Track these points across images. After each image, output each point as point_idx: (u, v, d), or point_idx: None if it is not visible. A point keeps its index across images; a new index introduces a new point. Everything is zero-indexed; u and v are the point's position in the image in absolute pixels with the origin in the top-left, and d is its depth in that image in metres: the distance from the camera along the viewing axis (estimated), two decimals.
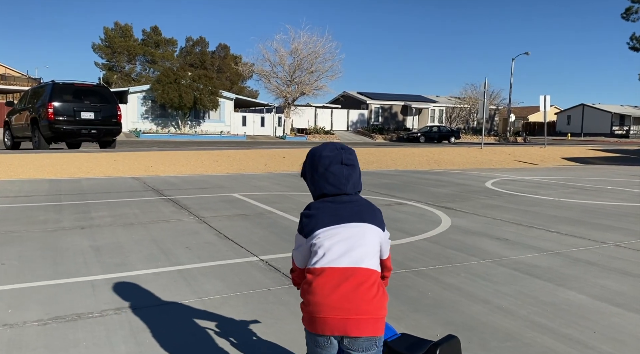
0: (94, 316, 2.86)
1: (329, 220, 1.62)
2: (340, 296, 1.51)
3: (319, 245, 1.59)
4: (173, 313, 2.91)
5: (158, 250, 4.33)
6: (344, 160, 1.68)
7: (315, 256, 1.59)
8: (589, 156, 20.35)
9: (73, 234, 4.91)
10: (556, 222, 5.71)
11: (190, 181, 9.49)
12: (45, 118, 15.05)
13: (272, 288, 3.39)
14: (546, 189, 8.93)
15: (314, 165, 1.71)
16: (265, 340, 2.57)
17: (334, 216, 1.62)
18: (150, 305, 3.03)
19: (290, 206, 6.72)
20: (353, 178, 1.69)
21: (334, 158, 1.68)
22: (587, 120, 63.53)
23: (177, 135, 36.30)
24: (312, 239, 1.62)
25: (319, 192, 1.70)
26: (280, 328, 2.71)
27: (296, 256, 1.72)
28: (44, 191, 7.88)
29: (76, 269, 3.76)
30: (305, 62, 40.41)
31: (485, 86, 21.76)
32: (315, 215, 1.65)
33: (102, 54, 61.92)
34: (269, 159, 14.77)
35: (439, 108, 53.37)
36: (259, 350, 2.46)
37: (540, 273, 3.76)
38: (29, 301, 3.08)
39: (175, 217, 5.85)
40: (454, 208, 6.68)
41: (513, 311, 3.00)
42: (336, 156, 1.68)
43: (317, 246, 1.60)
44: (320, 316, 1.51)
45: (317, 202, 1.70)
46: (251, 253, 4.28)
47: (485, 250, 4.42)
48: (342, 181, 1.67)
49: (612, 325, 2.79)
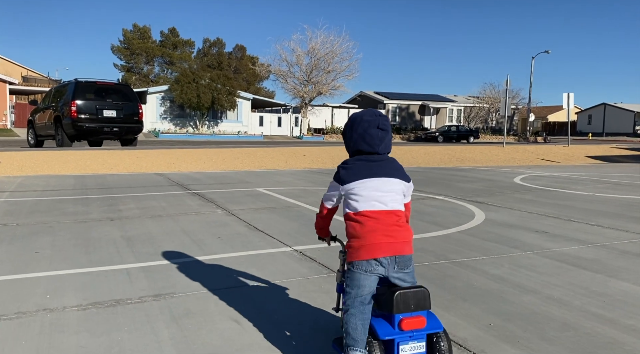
0: (133, 302, 2.80)
1: (363, 174, 1.96)
2: (387, 228, 1.91)
3: (357, 194, 1.95)
4: (214, 300, 2.83)
5: (189, 241, 4.27)
6: (380, 124, 1.99)
7: (355, 203, 1.96)
8: (615, 154, 19.89)
9: (103, 225, 4.88)
10: (595, 216, 5.52)
11: (213, 177, 9.45)
12: (68, 116, 15.19)
13: (310, 276, 3.29)
14: (577, 184, 8.70)
15: (354, 126, 2.03)
16: (313, 327, 2.48)
17: (368, 171, 1.97)
18: (189, 292, 2.96)
19: (317, 200, 6.62)
20: (385, 141, 2.01)
21: (372, 122, 2.00)
22: (609, 120, 62.31)
23: (195, 135, 36.49)
24: (349, 188, 1.97)
25: (355, 148, 2.03)
26: (324, 314, 2.61)
27: (327, 198, 2.12)
28: (70, 186, 7.90)
29: (109, 258, 3.72)
30: (322, 61, 40.32)
31: (507, 84, 21.42)
32: (352, 168, 1.99)
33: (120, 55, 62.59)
34: (289, 157, 14.71)
35: (457, 108, 52.86)
36: (309, 337, 2.37)
37: (587, 264, 3.61)
38: (66, 287, 3.03)
39: (203, 210, 5.79)
40: (486, 202, 6.52)
41: (566, 301, 2.86)
42: (374, 120, 2.00)
43: (356, 194, 1.96)
44: (376, 242, 1.89)
45: (352, 159, 2.03)
46: (284, 243, 4.20)
47: (526, 242, 4.27)
48: (377, 142, 1.99)
49: None
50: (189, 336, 2.36)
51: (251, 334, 2.39)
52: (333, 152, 16.95)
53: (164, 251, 3.90)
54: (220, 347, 2.25)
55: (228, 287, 3.06)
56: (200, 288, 3.04)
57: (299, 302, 2.82)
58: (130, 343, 2.28)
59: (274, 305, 2.77)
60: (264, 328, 2.46)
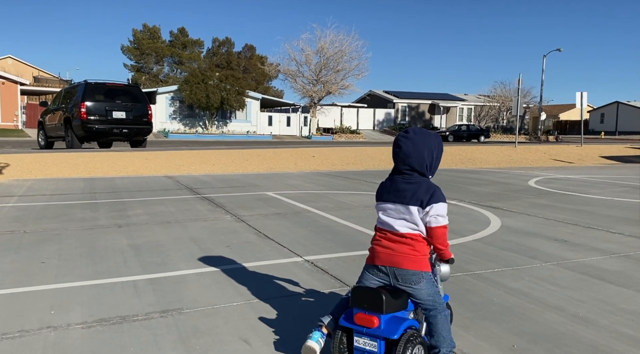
0: (139, 319, 2.70)
1: (384, 197, 2.15)
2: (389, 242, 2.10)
3: (378, 212, 2.19)
4: (223, 317, 2.73)
5: (198, 249, 4.17)
6: (397, 140, 2.13)
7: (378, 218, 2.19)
8: (630, 154, 19.55)
9: (111, 232, 4.80)
10: (615, 222, 5.34)
11: (222, 180, 9.37)
12: (78, 117, 15.21)
13: (322, 290, 3.17)
14: (594, 188, 8.49)
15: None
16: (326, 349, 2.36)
17: (388, 193, 2.14)
18: (197, 308, 2.85)
19: (327, 205, 6.51)
20: (399, 157, 2.11)
21: (395, 140, 2.16)
22: (622, 118, 61.51)
23: (205, 135, 36.56)
24: (377, 205, 2.20)
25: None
26: None
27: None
28: (79, 190, 7.86)
29: (117, 269, 3.63)
30: (332, 61, 40.20)
31: (519, 83, 21.13)
32: (379, 188, 2.22)
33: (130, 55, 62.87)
34: (298, 158, 14.60)
35: (467, 107, 52.45)
36: None
37: (612, 277, 3.45)
38: (72, 302, 2.94)
39: (212, 216, 5.70)
40: (501, 207, 6.36)
41: (592, 319, 2.71)
42: (396, 137, 2.17)
43: (378, 212, 2.19)
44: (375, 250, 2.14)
45: (388, 177, 2.21)
46: (295, 253, 4.08)
47: (545, 252, 4.12)
48: (395, 158, 2.15)
49: None
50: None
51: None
52: (342, 152, 16.82)
53: (172, 261, 3.80)
54: None
55: (237, 302, 2.95)
56: (208, 303, 2.94)
57: (311, 319, 2.70)
58: None
59: (284, 324, 2.65)
60: (276, 349, 2.35)
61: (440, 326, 2.03)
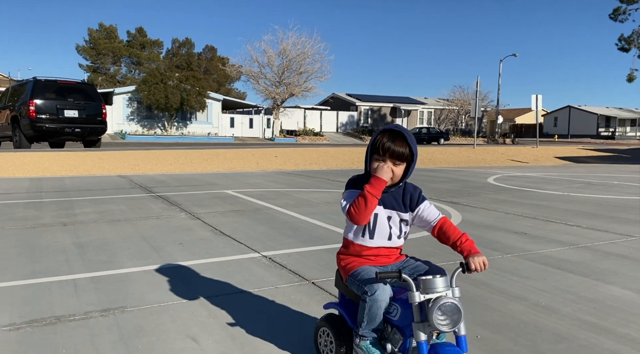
0: (77, 318, 2.46)
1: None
2: None
3: None
4: (170, 315, 2.52)
5: (148, 247, 3.92)
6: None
7: None
8: (582, 155, 20.26)
9: (54, 231, 4.48)
10: (573, 216, 5.40)
11: (179, 179, 9.05)
12: (26, 116, 14.47)
13: (279, 285, 3.01)
14: (551, 184, 8.66)
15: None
16: (278, 348, 2.19)
17: None
18: (142, 306, 2.63)
19: (289, 202, 6.33)
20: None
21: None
22: (574, 122, 63.98)
23: (164, 137, 35.64)
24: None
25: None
26: (296, 330, 2.34)
27: None
28: (23, 189, 7.39)
29: (56, 267, 3.34)
30: (294, 63, 40.02)
31: (477, 85, 21.58)
32: None
33: (86, 55, 60.78)
34: (260, 158, 14.36)
35: (427, 110, 53.35)
36: None
37: (572, 267, 3.43)
38: (3, 302, 2.67)
39: (166, 214, 5.43)
40: (461, 203, 6.36)
41: (555, 308, 2.65)
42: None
43: None
44: None
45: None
46: (252, 249, 3.89)
47: (506, 244, 4.09)
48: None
49: None
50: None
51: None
52: (305, 153, 16.69)
53: (119, 260, 3.54)
54: None
55: (187, 300, 2.74)
56: (155, 300, 2.72)
57: (265, 315, 2.53)
58: None
59: (237, 320, 2.47)
60: (226, 347, 2.17)
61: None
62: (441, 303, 1.62)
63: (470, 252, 1.82)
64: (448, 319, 1.64)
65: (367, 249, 1.94)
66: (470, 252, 1.82)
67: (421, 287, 1.68)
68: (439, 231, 1.91)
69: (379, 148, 1.86)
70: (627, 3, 28.47)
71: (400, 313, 1.77)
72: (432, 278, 1.69)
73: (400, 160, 1.87)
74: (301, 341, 2.22)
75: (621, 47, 29.73)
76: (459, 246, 1.85)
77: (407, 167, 1.90)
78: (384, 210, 1.92)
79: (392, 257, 1.97)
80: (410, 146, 1.87)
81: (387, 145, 1.85)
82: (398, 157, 1.86)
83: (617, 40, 30.12)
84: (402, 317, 1.76)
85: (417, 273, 1.82)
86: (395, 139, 1.86)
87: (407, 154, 1.87)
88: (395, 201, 1.94)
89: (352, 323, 1.93)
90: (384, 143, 1.86)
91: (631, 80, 31.30)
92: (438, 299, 1.64)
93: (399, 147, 1.85)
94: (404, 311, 1.75)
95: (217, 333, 2.31)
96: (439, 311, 1.63)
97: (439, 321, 1.63)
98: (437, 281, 1.68)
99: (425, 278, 1.69)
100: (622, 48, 29.71)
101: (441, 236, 1.91)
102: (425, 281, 1.68)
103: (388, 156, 1.85)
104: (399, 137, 1.87)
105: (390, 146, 1.85)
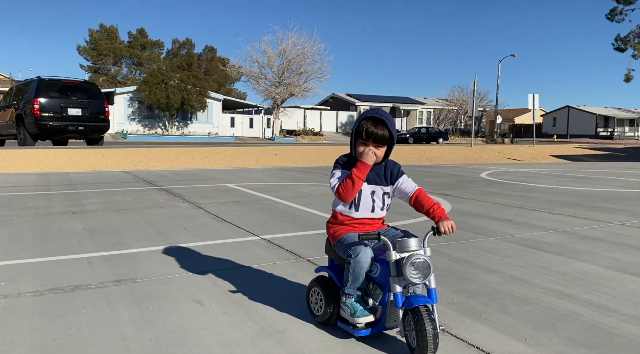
0: (93, 287, 2.72)
1: None
2: None
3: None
4: (177, 285, 2.78)
5: (154, 231, 4.19)
6: None
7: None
8: (578, 154, 20.52)
9: (65, 218, 4.75)
10: (557, 206, 5.67)
11: (181, 174, 9.32)
12: (30, 114, 14.75)
13: (277, 262, 3.27)
14: (542, 179, 8.92)
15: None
16: (275, 309, 2.46)
17: None
18: (152, 278, 2.90)
19: (287, 194, 6.60)
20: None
21: None
22: (573, 122, 64.27)
23: (165, 137, 35.92)
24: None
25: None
26: (292, 296, 2.60)
27: None
28: (31, 183, 7.66)
29: (70, 247, 3.61)
30: (294, 63, 40.34)
31: (474, 85, 21.85)
32: None
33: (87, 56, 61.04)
34: (260, 155, 14.63)
35: (427, 110, 53.64)
36: (272, 318, 2.34)
37: (549, 248, 3.70)
38: (22, 275, 2.93)
39: (169, 204, 5.70)
40: (453, 194, 6.62)
41: (527, 280, 2.92)
42: None
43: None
44: None
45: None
46: (252, 233, 4.16)
47: (490, 229, 4.35)
48: None
49: (630, 291, 2.72)
50: (150, 317, 2.31)
51: (213, 314, 2.36)
52: (304, 151, 16.95)
53: (128, 241, 3.81)
54: (180, 327, 2.20)
55: (193, 272, 3.01)
56: (163, 273, 2.98)
57: (264, 283, 2.80)
58: (88, 324, 2.22)
59: (239, 288, 2.73)
60: (227, 309, 2.43)
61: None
62: (413, 259, 1.88)
63: (440, 218, 2.06)
64: (419, 273, 1.89)
65: (352, 219, 2.21)
66: (440, 218, 2.06)
67: (397, 247, 1.93)
68: (415, 201, 2.16)
69: (362, 133, 2.09)
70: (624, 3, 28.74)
71: (380, 270, 2.02)
72: (406, 239, 1.95)
73: (382, 144, 2.10)
74: (297, 305, 2.48)
75: (617, 47, 30.01)
76: (431, 213, 2.10)
77: (388, 148, 2.14)
78: (368, 186, 2.16)
79: (375, 226, 2.22)
80: (390, 130, 2.09)
81: (370, 130, 2.07)
82: (380, 141, 2.09)
83: (614, 40, 30.40)
84: (381, 274, 2.02)
85: (396, 238, 2.04)
86: (377, 125, 2.08)
87: (388, 138, 2.10)
88: (378, 177, 2.18)
89: (339, 283, 2.18)
90: (367, 129, 2.08)
91: (628, 80, 31.59)
92: (410, 256, 1.89)
93: (380, 131, 2.08)
94: (382, 269, 2.01)
95: (220, 298, 2.57)
96: (411, 266, 1.88)
97: (411, 275, 1.88)
98: (411, 241, 1.93)
99: (401, 239, 1.95)
100: (618, 48, 30.00)
101: (417, 205, 2.17)
102: (401, 242, 1.94)
103: (371, 141, 2.08)
104: (380, 123, 2.09)
105: (373, 131, 2.07)
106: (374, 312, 2.03)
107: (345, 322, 2.10)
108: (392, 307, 1.98)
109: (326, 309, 2.16)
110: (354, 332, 2.03)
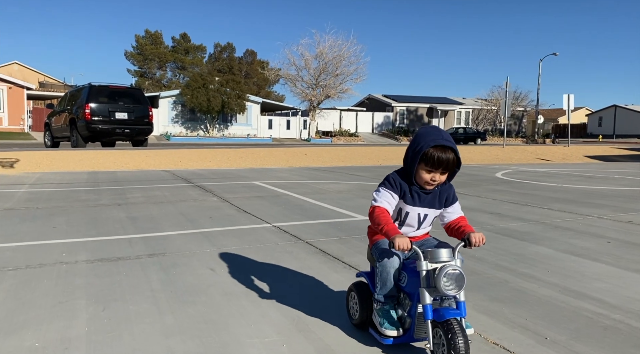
0: (131, 258, 3.48)
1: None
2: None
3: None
4: (197, 257, 3.51)
5: (185, 219, 4.95)
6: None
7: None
8: (614, 154, 20.26)
9: (111, 209, 5.60)
10: (551, 202, 6.10)
11: (216, 173, 10.17)
12: (82, 118, 16.08)
13: (280, 243, 3.95)
14: (553, 178, 9.25)
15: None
16: (272, 272, 3.14)
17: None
18: (177, 252, 3.64)
19: (306, 191, 7.28)
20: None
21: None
22: (620, 122, 62.13)
23: (206, 138, 37.42)
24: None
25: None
26: (290, 265, 3.27)
27: None
28: (83, 180, 8.66)
29: (115, 231, 4.41)
30: (330, 65, 41.09)
31: (507, 85, 21.92)
32: None
33: (134, 61, 64.03)
34: (291, 156, 15.39)
35: (465, 110, 53.21)
36: (271, 279, 3.02)
37: (518, 235, 4.21)
38: (78, 249, 3.73)
39: (201, 198, 6.49)
40: (460, 192, 7.12)
41: (484, 258, 3.47)
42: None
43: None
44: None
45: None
46: (265, 221, 4.86)
47: (476, 221, 4.88)
48: None
49: (565, 267, 3.25)
50: (172, 278, 3.03)
51: (221, 276, 3.06)
52: (334, 151, 17.61)
53: (162, 227, 4.58)
54: (194, 284, 2.91)
55: (210, 249, 3.73)
56: (187, 249, 3.72)
57: (265, 257, 3.48)
58: (127, 282, 2.96)
59: (245, 259, 3.43)
60: (233, 273, 3.13)
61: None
62: (447, 270, 1.86)
63: (471, 231, 2.09)
64: (453, 284, 1.87)
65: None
66: (471, 231, 2.09)
67: (428, 257, 1.93)
68: (450, 227, 2.20)
69: (430, 160, 2.06)
70: None
71: (407, 279, 2.03)
72: (437, 249, 1.95)
73: (448, 170, 2.12)
74: (293, 273, 3.14)
75: None
76: (461, 228, 2.14)
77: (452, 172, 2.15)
78: (420, 208, 2.16)
79: (417, 237, 2.24)
80: (457, 157, 2.09)
81: (441, 158, 2.06)
82: (446, 168, 2.10)
83: None
84: (409, 284, 2.02)
85: (428, 247, 2.05)
86: (445, 151, 2.06)
87: (454, 165, 2.11)
88: (433, 199, 2.17)
89: (373, 288, 2.21)
90: (438, 157, 2.05)
91: None
92: (444, 267, 1.87)
93: (449, 160, 2.07)
94: (411, 278, 2.01)
95: (229, 266, 3.27)
96: (445, 277, 1.86)
97: (445, 286, 1.86)
98: (442, 252, 1.93)
99: (432, 249, 1.94)
100: None
101: (452, 232, 2.19)
102: (432, 252, 1.93)
103: (441, 169, 2.08)
104: (449, 149, 2.07)
105: (444, 160, 2.06)
106: (402, 323, 2.05)
107: (375, 329, 2.14)
108: (421, 318, 1.94)
109: (361, 314, 2.24)
110: (380, 339, 2.07)
